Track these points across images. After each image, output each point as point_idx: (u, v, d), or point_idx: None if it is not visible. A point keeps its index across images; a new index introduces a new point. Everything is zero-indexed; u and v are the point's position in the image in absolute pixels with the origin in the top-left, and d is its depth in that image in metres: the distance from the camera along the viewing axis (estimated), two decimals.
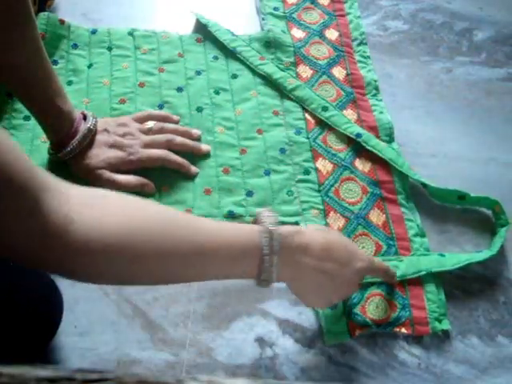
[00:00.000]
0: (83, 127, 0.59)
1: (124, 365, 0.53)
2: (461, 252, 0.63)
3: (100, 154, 0.60)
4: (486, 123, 0.74)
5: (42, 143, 0.63)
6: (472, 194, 0.64)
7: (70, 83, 0.69)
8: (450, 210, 0.66)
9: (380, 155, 0.66)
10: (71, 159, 0.59)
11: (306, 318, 0.57)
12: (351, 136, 0.67)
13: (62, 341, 0.54)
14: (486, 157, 0.71)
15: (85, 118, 0.60)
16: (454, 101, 0.76)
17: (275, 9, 0.80)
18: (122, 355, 0.53)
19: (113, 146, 0.61)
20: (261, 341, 0.56)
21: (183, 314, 0.56)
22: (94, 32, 0.74)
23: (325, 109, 0.69)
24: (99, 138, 0.60)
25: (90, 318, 0.55)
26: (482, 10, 0.87)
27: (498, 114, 0.75)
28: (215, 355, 0.54)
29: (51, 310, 0.51)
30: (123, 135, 0.62)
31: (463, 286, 0.61)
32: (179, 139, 0.64)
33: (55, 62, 0.70)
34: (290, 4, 0.81)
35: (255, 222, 0.47)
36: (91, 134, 0.59)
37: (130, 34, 0.75)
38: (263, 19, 0.80)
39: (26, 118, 0.65)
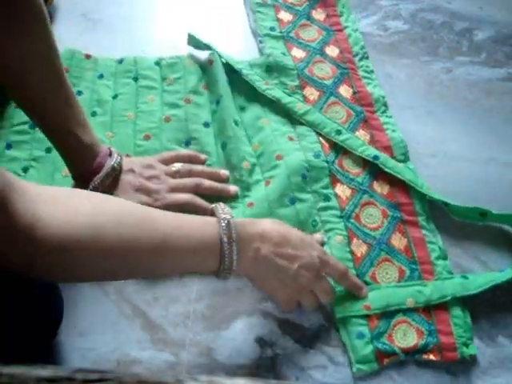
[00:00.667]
0: (108, 164, 0.57)
1: (124, 365, 0.53)
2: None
3: (125, 198, 0.56)
4: (486, 123, 0.74)
5: (63, 177, 0.62)
6: (494, 211, 0.62)
7: (94, 114, 0.68)
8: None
9: (399, 177, 0.64)
10: None
11: (306, 318, 0.57)
12: (368, 159, 0.66)
13: (61, 341, 0.54)
14: (486, 157, 0.71)
15: (110, 154, 0.58)
16: (454, 101, 0.76)
17: (271, 29, 0.78)
18: (121, 355, 0.53)
19: (139, 189, 0.59)
20: (261, 341, 0.56)
21: (183, 314, 0.56)
22: (120, 62, 0.73)
23: (338, 132, 0.68)
24: (124, 177, 0.58)
25: (90, 318, 0.55)
26: (482, 10, 0.87)
27: (498, 114, 0.75)
28: (215, 355, 0.54)
29: (51, 310, 0.51)
30: (149, 178, 0.60)
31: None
32: (207, 183, 0.62)
33: (79, 93, 0.69)
34: (285, 22, 0.80)
35: (211, 215, 0.49)
36: (115, 173, 0.57)
37: (157, 63, 0.73)
38: (260, 42, 0.78)
39: (48, 150, 0.64)
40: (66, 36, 0.77)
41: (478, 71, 0.79)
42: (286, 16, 0.81)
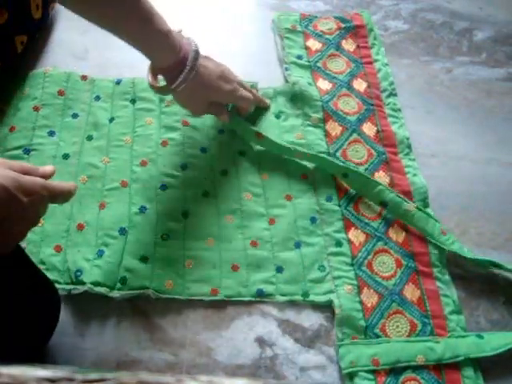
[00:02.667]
0: (192, 47, 0.60)
1: (124, 365, 0.53)
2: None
3: (209, 82, 0.63)
4: (486, 123, 0.74)
5: (58, 206, 0.59)
6: (508, 265, 0.60)
7: (89, 138, 0.66)
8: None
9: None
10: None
11: (306, 317, 0.57)
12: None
13: (62, 341, 0.54)
14: (486, 157, 0.71)
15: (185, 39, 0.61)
16: (454, 101, 0.76)
17: (298, 57, 0.76)
18: (121, 355, 0.53)
19: (221, 77, 0.63)
20: (261, 341, 0.56)
21: (183, 314, 0.56)
22: (118, 82, 0.71)
23: (345, 175, 0.65)
24: (205, 63, 0.62)
25: (90, 318, 0.55)
26: (481, 10, 0.87)
27: (498, 114, 0.75)
28: (215, 355, 0.54)
29: (47, 310, 0.51)
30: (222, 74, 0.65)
31: (463, 285, 0.61)
32: None
33: (75, 116, 0.68)
34: (314, 51, 0.77)
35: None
36: (198, 56, 0.60)
37: None
38: (286, 69, 0.75)
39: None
40: (66, 36, 0.77)
41: (478, 71, 0.79)
42: (314, 44, 0.78)
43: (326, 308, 0.58)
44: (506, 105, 0.76)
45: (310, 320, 0.57)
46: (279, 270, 0.59)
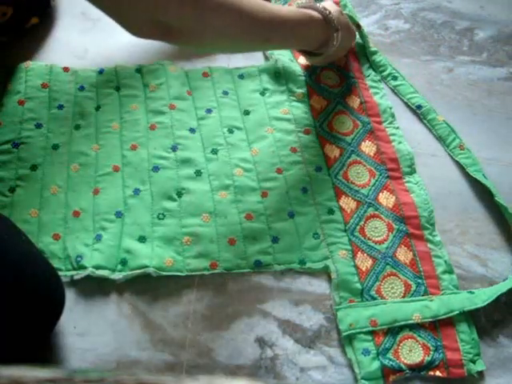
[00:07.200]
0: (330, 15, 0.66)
1: (124, 365, 0.53)
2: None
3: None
4: (487, 123, 0.74)
5: (52, 195, 0.61)
6: (498, 198, 0.64)
7: (77, 127, 0.67)
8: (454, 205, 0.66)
9: (434, 132, 0.71)
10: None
11: (306, 318, 0.57)
12: (412, 107, 0.73)
13: (61, 341, 0.54)
14: (487, 157, 0.71)
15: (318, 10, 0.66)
16: (454, 100, 0.76)
17: None
18: (121, 356, 0.53)
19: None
20: (261, 341, 0.56)
21: (183, 314, 0.56)
22: (101, 72, 0.72)
23: (395, 78, 0.76)
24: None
25: (89, 318, 0.55)
26: (483, 9, 0.87)
27: (499, 114, 0.75)
28: (215, 355, 0.54)
29: (52, 296, 0.50)
30: None
31: (464, 286, 0.60)
32: None
33: (61, 107, 0.68)
34: None
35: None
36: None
37: (138, 70, 0.72)
38: None
39: (33, 168, 0.62)
40: (66, 35, 0.77)
41: (478, 71, 0.79)
42: None
43: (327, 308, 0.58)
44: (507, 104, 0.76)
45: (311, 320, 0.57)
46: (275, 240, 0.61)
